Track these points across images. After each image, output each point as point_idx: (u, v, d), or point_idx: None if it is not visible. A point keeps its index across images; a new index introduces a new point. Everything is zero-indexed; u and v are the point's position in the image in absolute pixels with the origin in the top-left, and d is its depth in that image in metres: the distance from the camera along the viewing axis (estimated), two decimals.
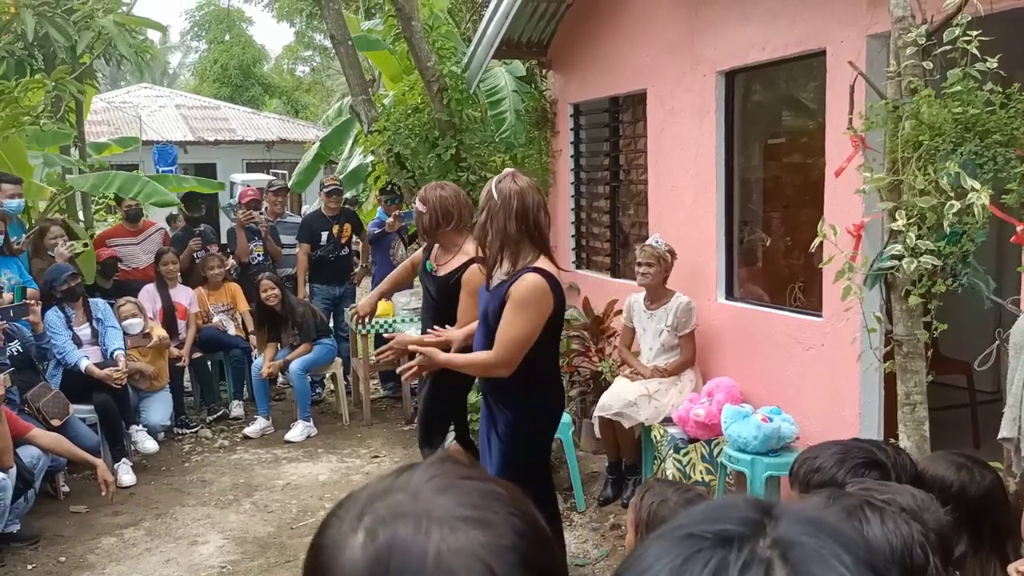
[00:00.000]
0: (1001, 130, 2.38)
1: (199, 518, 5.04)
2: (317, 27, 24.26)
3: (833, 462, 1.80)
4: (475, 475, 0.76)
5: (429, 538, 0.68)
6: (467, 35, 9.13)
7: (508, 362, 3.15)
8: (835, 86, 3.98)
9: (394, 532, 0.69)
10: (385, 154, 7.03)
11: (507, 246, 3.18)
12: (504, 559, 0.69)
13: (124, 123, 16.94)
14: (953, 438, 4.13)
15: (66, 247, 6.17)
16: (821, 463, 1.82)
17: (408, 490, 0.73)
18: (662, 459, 4.73)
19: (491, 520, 0.70)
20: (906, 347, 2.68)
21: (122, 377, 5.69)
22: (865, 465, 1.79)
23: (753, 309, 4.86)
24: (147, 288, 6.65)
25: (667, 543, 0.62)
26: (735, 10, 4.72)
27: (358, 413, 6.90)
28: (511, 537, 0.70)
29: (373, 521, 0.71)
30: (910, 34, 2.59)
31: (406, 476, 0.75)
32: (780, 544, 0.60)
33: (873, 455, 1.81)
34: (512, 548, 0.69)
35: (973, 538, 1.91)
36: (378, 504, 0.72)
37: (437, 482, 0.73)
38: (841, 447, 1.86)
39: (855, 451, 1.83)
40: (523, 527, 0.72)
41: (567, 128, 6.75)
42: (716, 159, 4.99)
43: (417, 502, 0.71)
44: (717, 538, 0.61)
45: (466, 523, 0.70)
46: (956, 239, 2.45)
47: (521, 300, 3.10)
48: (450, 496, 0.72)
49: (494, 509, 0.71)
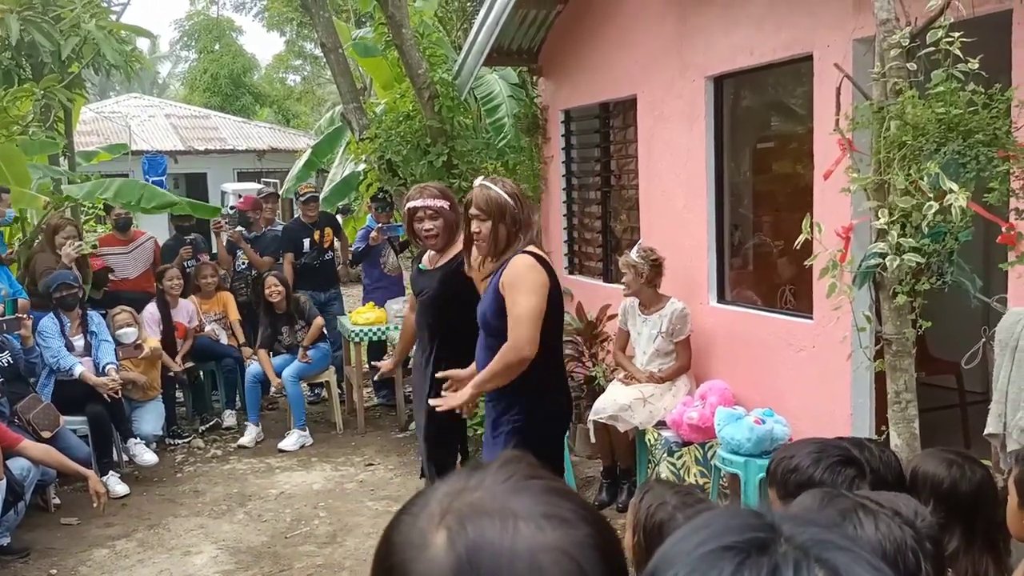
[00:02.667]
0: (983, 130, 2.41)
1: (192, 528, 5.02)
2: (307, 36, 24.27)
3: (809, 461, 1.81)
4: (543, 475, 0.76)
5: (518, 536, 0.68)
6: (457, 43, 9.15)
7: (526, 339, 3.06)
8: (822, 90, 4.00)
9: (481, 531, 0.69)
10: (377, 161, 7.04)
11: (512, 246, 3.19)
12: (589, 556, 0.69)
13: (113, 133, 16.88)
14: (943, 438, 4.14)
15: (73, 247, 6.15)
16: (797, 462, 1.83)
17: (484, 489, 0.73)
18: (656, 463, 4.74)
19: (570, 518, 0.71)
20: (895, 345, 2.70)
21: (116, 388, 5.67)
22: (841, 463, 1.80)
23: (745, 312, 4.88)
24: (149, 309, 6.61)
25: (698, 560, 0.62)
26: (723, 16, 4.75)
27: (352, 421, 6.88)
28: (592, 533, 0.71)
29: (456, 520, 0.70)
30: (894, 36, 2.61)
31: (479, 476, 0.74)
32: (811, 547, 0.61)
33: (848, 453, 1.82)
34: (594, 545, 0.71)
35: (965, 534, 1.92)
36: (457, 503, 0.72)
37: (513, 482, 0.73)
38: (817, 446, 1.86)
39: (830, 449, 1.83)
40: (596, 523, 0.73)
41: (558, 134, 6.77)
42: (706, 164, 5.01)
43: (499, 502, 0.71)
44: (751, 545, 0.62)
45: (550, 521, 0.70)
46: (939, 237, 2.48)
47: (514, 279, 3.10)
48: (527, 495, 0.72)
49: (569, 507, 0.72)
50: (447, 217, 3.86)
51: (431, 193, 3.89)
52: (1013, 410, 2.67)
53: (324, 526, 4.98)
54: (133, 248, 7.17)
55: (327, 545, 4.72)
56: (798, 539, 0.62)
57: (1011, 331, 2.70)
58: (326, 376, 6.95)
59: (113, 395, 5.66)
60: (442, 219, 3.85)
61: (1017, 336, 2.67)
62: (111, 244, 7.18)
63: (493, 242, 3.19)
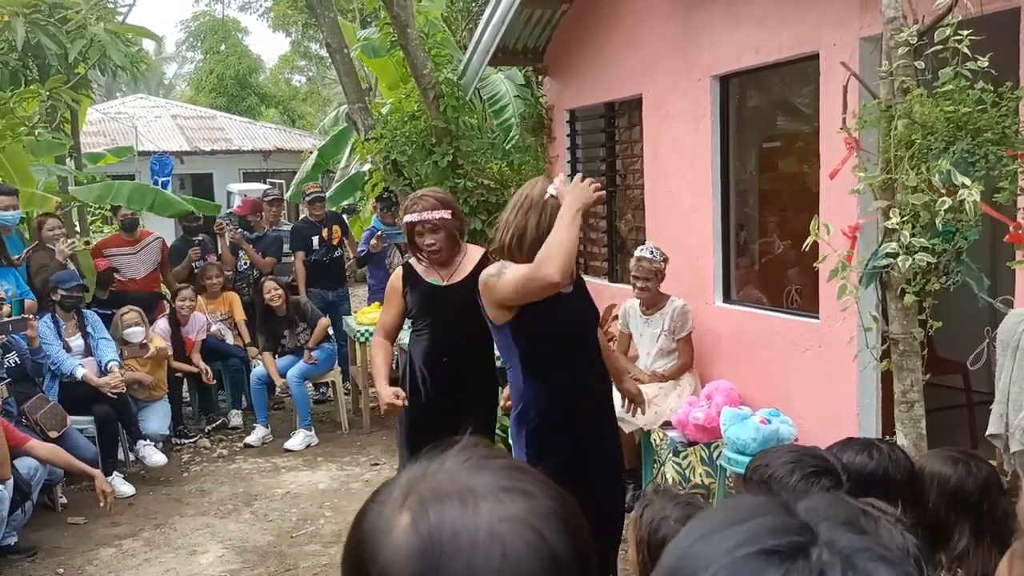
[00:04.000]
0: (992, 128, 2.40)
1: (198, 528, 5.03)
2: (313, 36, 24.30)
3: (785, 471, 1.79)
4: (501, 454, 0.79)
5: (478, 512, 0.70)
6: (463, 42, 9.15)
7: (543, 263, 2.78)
8: (828, 89, 3.99)
9: (442, 511, 0.70)
10: (382, 161, 7.04)
11: None
12: (550, 524, 0.71)
13: (120, 134, 16.94)
14: (950, 439, 4.13)
15: (67, 244, 6.14)
16: (772, 472, 1.81)
17: (445, 471, 0.74)
18: (662, 463, 4.73)
19: (530, 490, 0.73)
20: (902, 345, 2.69)
21: (119, 385, 5.68)
22: (816, 473, 1.77)
23: (751, 312, 4.87)
24: (161, 325, 6.61)
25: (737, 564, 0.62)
26: (728, 15, 4.74)
27: (357, 421, 6.89)
28: (551, 504, 0.73)
29: (417, 502, 0.72)
30: (902, 34, 2.60)
31: (439, 460, 0.76)
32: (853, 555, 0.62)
33: (824, 462, 1.79)
34: (555, 514, 0.72)
35: (974, 532, 1.92)
36: (419, 487, 0.73)
37: (472, 462, 0.75)
38: (793, 455, 1.84)
39: (806, 459, 1.81)
40: (558, 495, 0.74)
41: (563, 134, 6.76)
42: (712, 163, 5.00)
43: (457, 481, 0.73)
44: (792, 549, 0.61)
45: (510, 493, 0.72)
46: (949, 236, 2.47)
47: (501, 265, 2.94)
48: (487, 473, 0.74)
49: (530, 481, 0.74)
50: (448, 228, 3.70)
51: (428, 204, 3.68)
52: (1015, 410, 2.66)
53: (330, 525, 4.99)
54: (140, 248, 7.18)
55: (333, 544, 4.72)
56: (838, 544, 0.62)
57: (1012, 331, 2.69)
58: (332, 376, 6.95)
59: (118, 393, 5.67)
60: (443, 231, 3.68)
61: (1018, 336, 2.66)
62: (117, 244, 7.19)
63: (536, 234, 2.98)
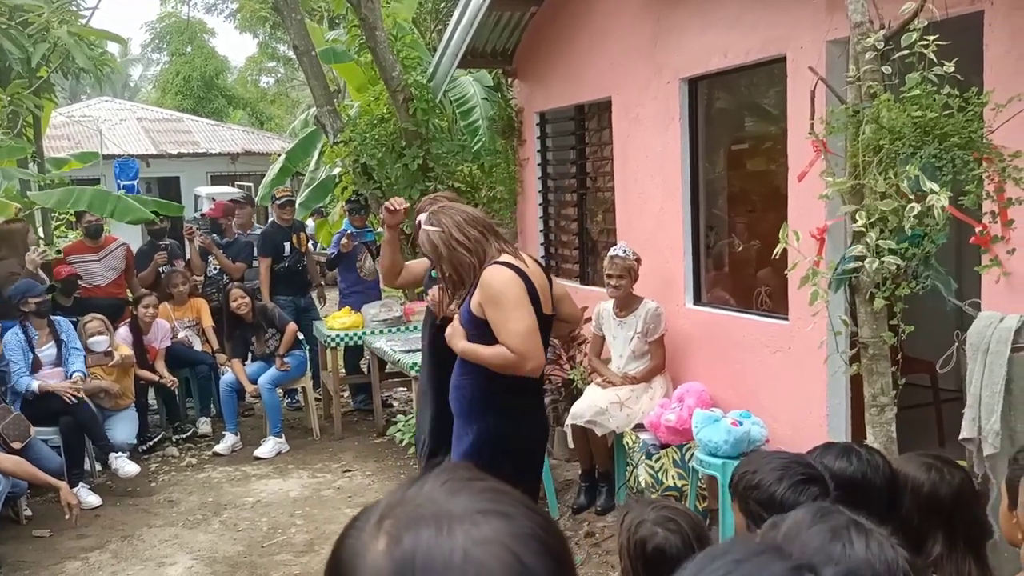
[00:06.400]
0: (959, 133, 2.42)
1: (167, 539, 4.95)
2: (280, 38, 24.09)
3: (772, 479, 1.80)
4: (483, 477, 0.79)
5: (453, 536, 0.70)
6: (432, 45, 9.12)
7: (530, 354, 2.86)
8: (796, 92, 4.02)
9: (416, 535, 0.71)
10: (352, 165, 6.99)
11: (470, 271, 2.99)
12: (529, 546, 0.71)
13: (84, 137, 16.68)
14: (918, 436, 4.18)
15: (38, 254, 6.03)
16: (760, 479, 1.82)
17: (423, 495, 0.75)
18: (634, 465, 4.74)
19: (509, 512, 0.73)
20: (872, 349, 2.71)
21: (76, 391, 5.56)
22: (804, 482, 1.79)
23: (721, 313, 4.89)
24: (122, 333, 6.48)
25: None
26: (697, 17, 4.76)
27: (328, 427, 6.83)
28: (530, 526, 0.72)
29: (394, 526, 0.72)
30: (868, 39, 2.62)
31: (417, 485, 0.77)
32: None
33: (812, 471, 1.81)
34: (533, 536, 0.72)
35: (947, 538, 1.93)
36: (396, 511, 0.74)
37: (449, 485, 0.75)
38: (780, 462, 1.85)
39: (794, 467, 1.82)
40: (538, 517, 0.74)
41: (533, 136, 6.75)
42: (681, 165, 5.02)
43: (434, 505, 0.73)
44: None
45: (487, 516, 0.72)
46: (917, 240, 2.49)
47: (494, 296, 2.88)
48: (465, 496, 0.74)
49: (509, 503, 0.74)
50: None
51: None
52: (987, 414, 2.69)
53: (301, 534, 4.93)
54: (104, 255, 7.05)
55: (304, 554, 4.67)
56: None
57: (982, 335, 2.72)
58: (303, 382, 6.89)
59: (75, 397, 5.55)
60: None
61: (988, 340, 2.69)
62: (81, 251, 7.06)
63: (450, 280, 3.02)
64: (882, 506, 1.81)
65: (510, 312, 2.88)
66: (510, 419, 3.07)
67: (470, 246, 2.97)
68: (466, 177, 6.90)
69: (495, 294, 2.89)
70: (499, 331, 2.88)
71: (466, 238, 2.96)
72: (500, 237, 3.08)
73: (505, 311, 2.88)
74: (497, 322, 2.88)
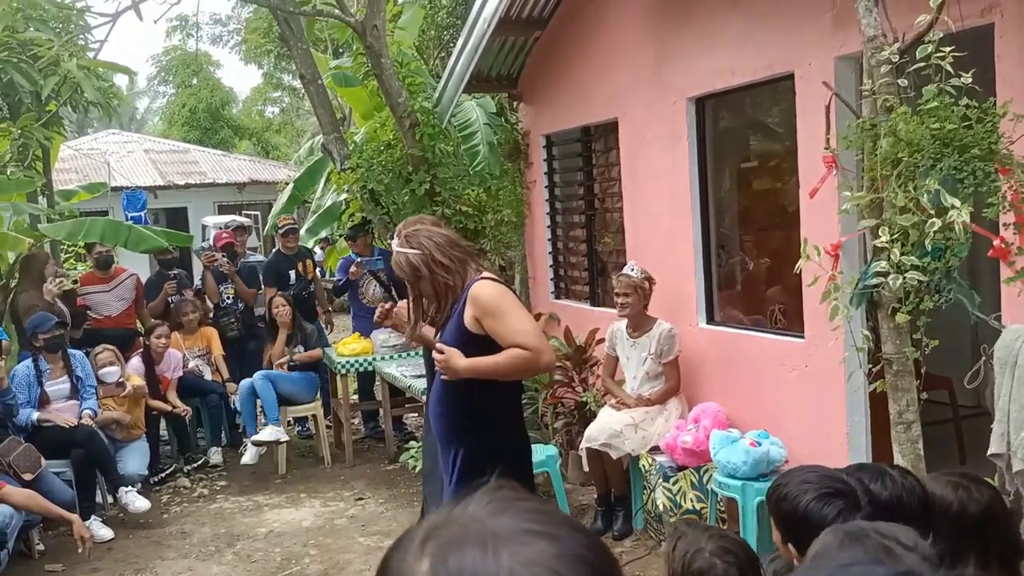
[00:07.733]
0: (979, 144, 2.40)
1: (180, 571, 4.89)
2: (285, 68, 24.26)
3: (798, 491, 1.82)
4: (529, 497, 0.77)
5: (499, 558, 0.68)
6: (436, 71, 9.16)
7: (543, 347, 2.91)
8: (805, 109, 4.01)
9: (461, 557, 0.69)
10: (359, 191, 6.99)
11: (453, 290, 3.02)
12: (575, 568, 0.69)
13: (92, 170, 16.76)
14: (939, 454, 4.11)
15: (55, 284, 6.04)
16: (787, 491, 1.84)
17: (467, 516, 0.73)
18: (652, 489, 4.68)
19: (556, 533, 0.71)
20: (896, 365, 2.67)
21: (73, 421, 5.53)
22: (830, 494, 1.79)
23: (735, 333, 4.85)
24: (134, 364, 6.47)
25: None
26: (702, 36, 4.77)
27: (340, 455, 6.78)
28: (577, 547, 0.71)
29: (438, 547, 0.71)
30: (883, 52, 2.61)
31: (462, 506, 0.75)
32: None
33: (840, 484, 1.81)
34: (581, 558, 0.70)
35: (980, 559, 1.88)
36: (440, 531, 0.73)
37: (494, 505, 0.74)
38: (808, 475, 1.86)
39: (822, 480, 1.84)
40: (585, 538, 0.73)
41: (540, 159, 6.76)
42: (690, 185, 5.01)
43: (479, 525, 0.72)
44: None
45: (533, 536, 0.70)
46: (939, 255, 2.46)
47: (490, 307, 2.92)
48: (509, 516, 0.72)
49: (555, 523, 0.72)
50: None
51: None
52: (1016, 429, 2.64)
53: (315, 565, 4.87)
54: (114, 286, 7.06)
55: None
56: None
57: (1010, 348, 2.68)
58: (313, 409, 6.85)
59: (86, 427, 5.51)
60: None
61: (1016, 353, 2.65)
62: (91, 283, 7.07)
63: (432, 299, 3.05)
64: (920, 530, 1.77)
65: (512, 315, 2.95)
66: (491, 441, 3.07)
67: (452, 267, 3.00)
68: (473, 201, 6.90)
69: (492, 304, 2.94)
70: (506, 335, 2.91)
71: (448, 259, 3.00)
72: (476, 259, 3.15)
73: (506, 316, 2.94)
74: (501, 328, 2.92)
